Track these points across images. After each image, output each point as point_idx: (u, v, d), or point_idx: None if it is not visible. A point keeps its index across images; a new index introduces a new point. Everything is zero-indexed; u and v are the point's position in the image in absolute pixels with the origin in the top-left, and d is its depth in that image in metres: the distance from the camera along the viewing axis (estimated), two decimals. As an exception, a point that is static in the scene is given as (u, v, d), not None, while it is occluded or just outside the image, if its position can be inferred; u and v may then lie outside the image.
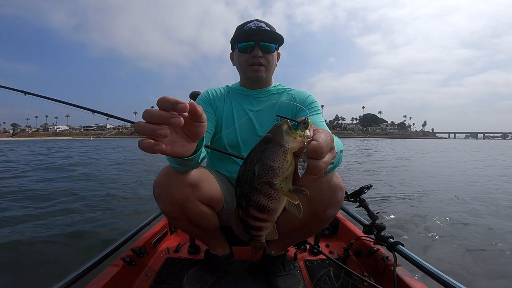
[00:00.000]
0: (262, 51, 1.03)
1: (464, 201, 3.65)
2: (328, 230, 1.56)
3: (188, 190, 0.82)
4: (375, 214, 1.22)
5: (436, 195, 3.96)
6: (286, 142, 0.36)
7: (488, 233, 2.45)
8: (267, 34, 1.02)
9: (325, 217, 0.86)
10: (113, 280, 0.96)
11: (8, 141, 62.02)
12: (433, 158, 11.31)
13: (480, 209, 3.26)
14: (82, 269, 0.90)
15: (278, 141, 0.36)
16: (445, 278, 0.85)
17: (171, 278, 1.12)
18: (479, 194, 4.05)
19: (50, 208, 2.99)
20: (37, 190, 3.93)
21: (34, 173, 5.78)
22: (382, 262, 1.11)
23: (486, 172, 6.85)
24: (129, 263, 1.06)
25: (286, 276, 1.07)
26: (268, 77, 1.11)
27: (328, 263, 1.24)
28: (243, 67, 1.06)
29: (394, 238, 1.12)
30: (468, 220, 2.83)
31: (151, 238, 1.33)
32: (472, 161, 10.15)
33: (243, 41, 1.03)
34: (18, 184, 4.47)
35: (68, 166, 6.99)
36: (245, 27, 1.04)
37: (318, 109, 1.05)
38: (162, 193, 0.81)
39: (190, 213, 0.86)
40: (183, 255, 1.32)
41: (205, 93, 1.14)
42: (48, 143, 30.91)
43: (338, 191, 0.80)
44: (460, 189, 4.50)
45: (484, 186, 4.84)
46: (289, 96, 1.11)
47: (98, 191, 3.92)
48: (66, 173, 5.73)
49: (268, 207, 0.39)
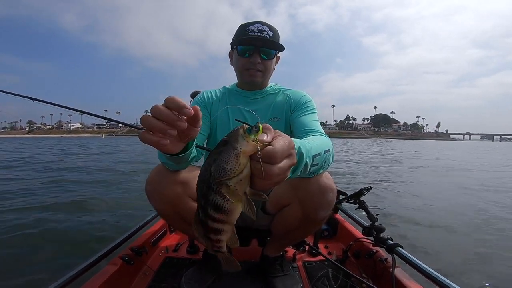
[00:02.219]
0: (261, 58, 1.02)
1: (468, 202, 3.63)
2: (327, 231, 1.55)
3: (179, 187, 0.82)
4: (375, 216, 1.22)
5: (440, 198, 3.94)
6: (239, 146, 0.38)
7: (490, 237, 2.44)
8: (268, 42, 1.00)
9: (317, 219, 0.87)
10: (112, 278, 0.97)
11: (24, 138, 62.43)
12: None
13: (485, 211, 3.25)
14: (81, 267, 0.90)
15: (233, 144, 0.38)
16: (443, 280, 0.85)
17: (170, 277, 1.12)
18: (485, 195, 4.03)
19: (48, 204, 3.01)
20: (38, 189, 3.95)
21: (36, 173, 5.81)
22: (381, 264, 1.11)
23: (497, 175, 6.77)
24: (128, 262, 1.07)
25: (285, 277, 1.07)
26: (265, 81, 1.11)
27: (327, 264, 1.23)
28: (241, 70, 1.06)
29: (393, 240, 1.12)
30: (471, 222, 2.82)
31: (150, 237, 1.33)
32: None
33: (243, 44, 1.02)
34: (19, 183, 4.49)
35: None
36: (248, 29, 1.01)
37: (313, 109, 1.05)
38: (154, 191, 0.83)
39: (182, 210, 0.86)
40: (182, 254, 1.32)
41: (200, 95, 1.14)
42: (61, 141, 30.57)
43: (328, 192, 0.80)
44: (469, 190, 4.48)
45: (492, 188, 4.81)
46: (284, 96, 1.11)
47: (102, 188, 3.94)
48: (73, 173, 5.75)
49: (224, 207, 0.40)
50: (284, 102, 1.09)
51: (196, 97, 1.15)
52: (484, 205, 3.54)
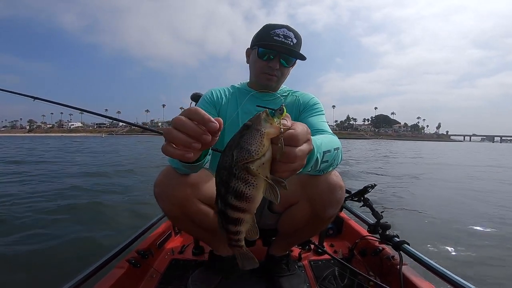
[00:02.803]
0: (280, 64, 1.00)
1: (474, 200, 3.60)
2: (332, 230, 1.55)
3: (187, 189, 0.82)
4: (380, 213, 1.21)
5: (444, 194, 3.91)
6: (263, 127, 0.38)
7: (498, 234, 2.41)
8: (291, 50, 0.97)
9: (325, 217, 0.86)
10: (119, 281, 0.97)
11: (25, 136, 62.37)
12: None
13: (491, 210, 3.22)
14: (88, 271, 0.91)
15: (256, 126, 0.39)
16: (453, 277, 0.84)
17: (176, 279, 1.12)
18: (490, 194, 3.99)
19: (57, 207, 3.02)
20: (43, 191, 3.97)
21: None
22: (388, 262, 1.10)
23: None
24: (134, 265, 1.07)
25: (291, 276, 1.07)
26: (278, 86, 1.10)
27: (333, 263, 1.23)
28: (258, 72, 1.04)
29: (399, 237, 1.11)
30: (477, 219, 2.79)
31: (156, 239, 1.34)
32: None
33: (266, 46, 0.98)
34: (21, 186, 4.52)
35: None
36: (272, 32, 0.97)
37: (321, 110, 1.05)
38: (162, 193, 0.83)
39: (190, 212, 0.87)
40: (187, 256, 1.33)
41: (209, 93, 1.10)
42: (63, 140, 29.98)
43: (337, 190, 0.80)
44: (469, 189, 4.44)
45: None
46: (293, 98, 1.11)
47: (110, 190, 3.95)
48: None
49: (246, 194, 0.40)
50: (293, 103, 1.09)
51: (204, 95, 1.12)
52: (494, 205, 3.50)
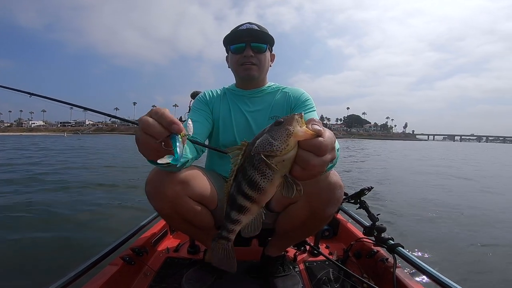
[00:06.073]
0: (253, 51, 1.05)
1: (468, 202, 3.63)
2: (328, 232, 1.55)
3: (178, 187, 0.82)
4: (376, 216, 1.22)
5: (438, 197, 3.94)
6: (292, 127, 0.38)
7: (492, 237, 2.44)
8: (257, 35, 1.05)
9: (324, 216, 0.87)
10: (112, 279, 0.97)
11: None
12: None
13: (485, 212, 3.24)
14: (82, 267, 0.90)
15: (286, 124, 0.38)
16: (445, 280, 0.84)
17: (170, 277, 1.12)
18: (484, 196, 4.03)
19: (48, 204, 3.00)
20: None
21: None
22: (382, 264, 1.11)
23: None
24: (129, 262, 1.07)
25: (286, 277, 1.07)
26: (262, 77, 1.13)
27: (328, 265, 1.23)
28: (236, 67, 1.10)
29: (394, 240, 1.12)
30: (471, 222, 2.81)
31: (151, 237, 1.33)
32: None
33: (235, 42, 1.07)
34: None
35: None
36: (237, 29, 1.07)
37: (312, 107, 1.06)
38: (153, 191, 0.83)
39: (182, 210, 0.87)
40: (182, 255, 1.32)
41: (202, 94, 1.18)
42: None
43: (337, 189, 0.80)
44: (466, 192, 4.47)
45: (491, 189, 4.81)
46: (283, 94, 1.13)
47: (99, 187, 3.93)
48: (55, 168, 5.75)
49: (260, 185, 0.40)
50: (283, 100, 1.10)
51: (197, 96, 1.18)
52: (484, 203, 3.54)
